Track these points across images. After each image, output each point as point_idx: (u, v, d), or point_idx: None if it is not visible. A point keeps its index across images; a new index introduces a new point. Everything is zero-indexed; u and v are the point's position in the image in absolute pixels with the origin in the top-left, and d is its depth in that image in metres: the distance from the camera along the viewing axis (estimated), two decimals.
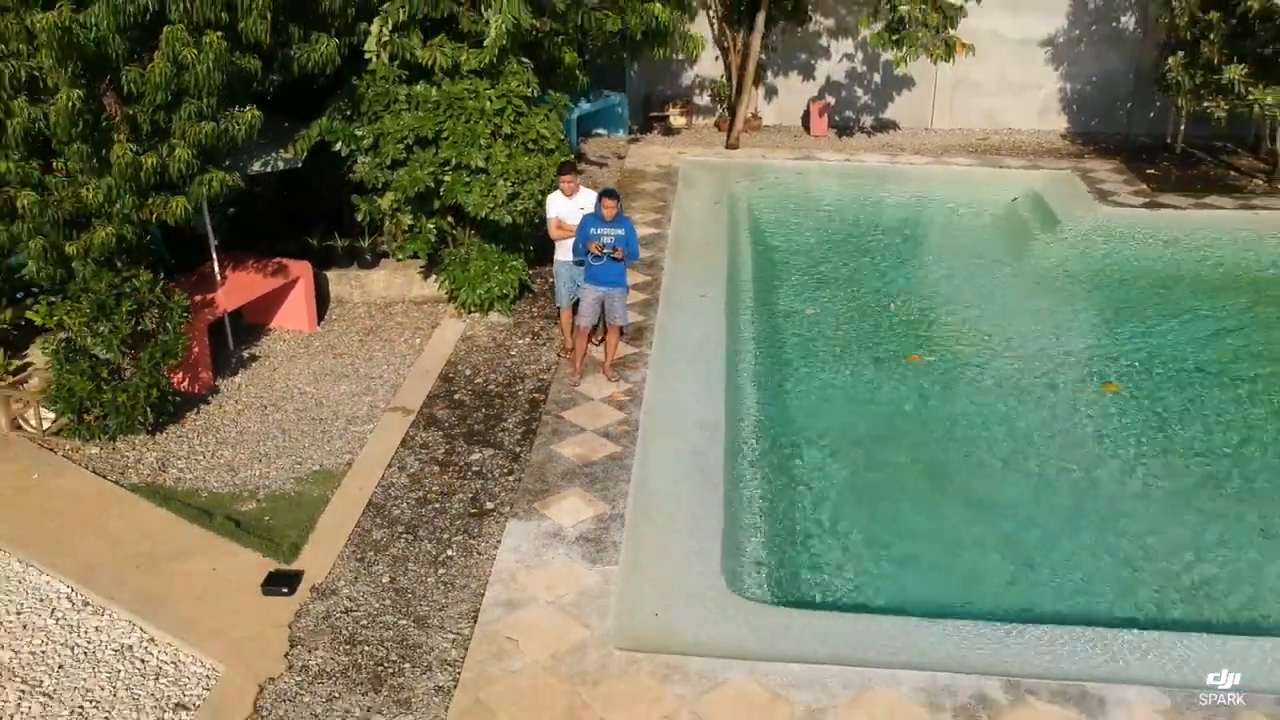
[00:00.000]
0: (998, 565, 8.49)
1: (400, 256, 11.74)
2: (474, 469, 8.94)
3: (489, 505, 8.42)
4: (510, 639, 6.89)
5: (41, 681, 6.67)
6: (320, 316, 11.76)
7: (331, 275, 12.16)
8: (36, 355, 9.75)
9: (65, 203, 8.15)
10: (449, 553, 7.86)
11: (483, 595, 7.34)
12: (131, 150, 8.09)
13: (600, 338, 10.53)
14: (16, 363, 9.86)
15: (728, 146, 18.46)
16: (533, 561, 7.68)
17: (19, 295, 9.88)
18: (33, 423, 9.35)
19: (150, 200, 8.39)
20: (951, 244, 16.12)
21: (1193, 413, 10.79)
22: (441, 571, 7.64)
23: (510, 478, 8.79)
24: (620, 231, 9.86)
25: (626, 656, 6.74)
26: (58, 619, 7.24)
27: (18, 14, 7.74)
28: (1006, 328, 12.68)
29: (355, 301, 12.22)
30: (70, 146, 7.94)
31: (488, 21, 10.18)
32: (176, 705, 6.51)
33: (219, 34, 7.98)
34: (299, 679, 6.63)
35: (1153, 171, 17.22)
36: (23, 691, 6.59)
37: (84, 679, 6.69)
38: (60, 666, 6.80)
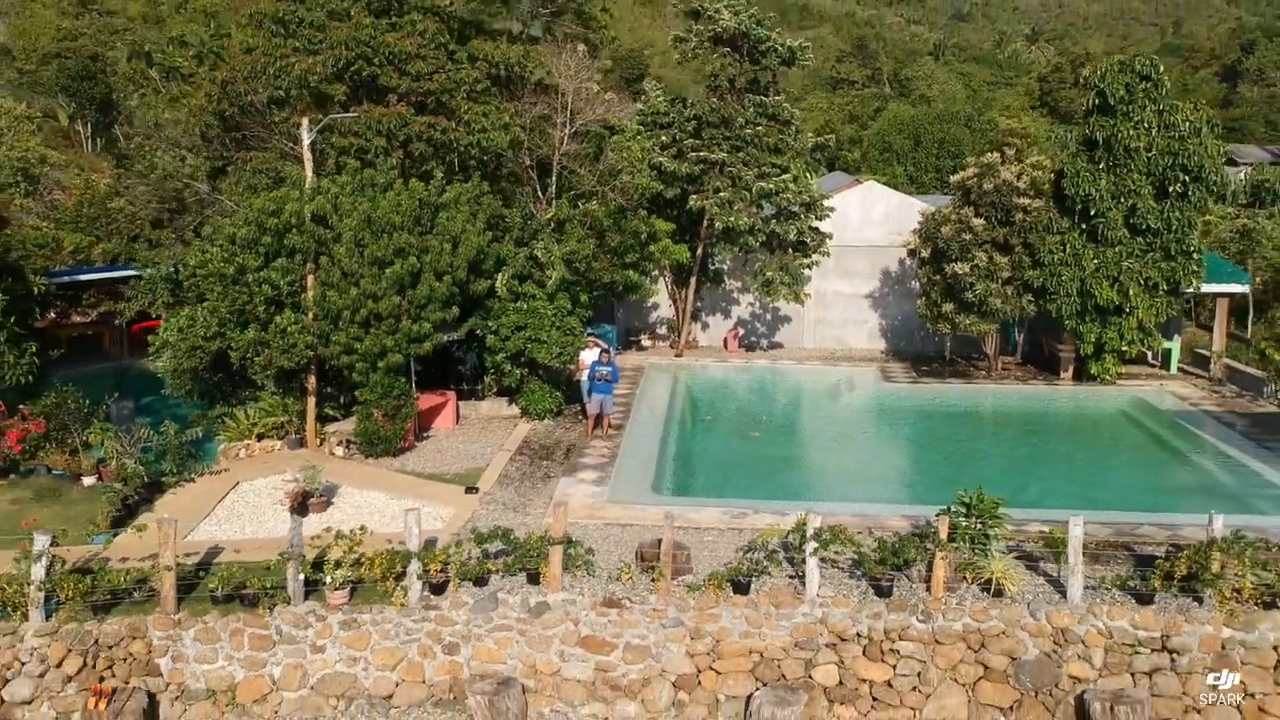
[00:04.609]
0: (775, 493, 19.66)
1: (495, 394, 23.25)
2: (543, 466, 20.02)
3: (551, 475, 19.46)
4: (565, 502, 17.83)
5: (397, 516, 17.50)
6: (456, 422, 23.04)
7: (461, 404, 23.53)
8: (331, 427, 21.10)
9: (376, 345, 19.64)
10: (537, 485, 18.88)
11: (553, 493, 18.33)
12: (409, 323, 19.74)
13: (599, 424, 21.86)
14: (325, 429, 21.15)
15: (676, 356, 30.31)
16: (573, 485, 18.68)
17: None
18: (339, 452, 20.50)
19: (412, 345, 19.96)
20: (796, 397, 28.19)
21: (896, 450, 22.66)
22: (535, 490, 18.64)
23: (560, 468, 19.87)
24: (609, 368, 21.39)
25: (612, 503, 17.70)
26: (383, 503, 18.13)
27: (369, 266, 19.53)
28: (810, 423, 24.53)
29: (473, 417, 23.53)
30: (385, 321, 19.56)
31: (549, 276, 22.14)
32: (438, 518, 17.37)
33: (448, 276, 19.85)
34: (484, 511, 17.54)
35: (925, 368, 29.05)
36: (390, 517, 17.45)
37: (397, 514, 17.54)
38: (397, 510, 17.65)
